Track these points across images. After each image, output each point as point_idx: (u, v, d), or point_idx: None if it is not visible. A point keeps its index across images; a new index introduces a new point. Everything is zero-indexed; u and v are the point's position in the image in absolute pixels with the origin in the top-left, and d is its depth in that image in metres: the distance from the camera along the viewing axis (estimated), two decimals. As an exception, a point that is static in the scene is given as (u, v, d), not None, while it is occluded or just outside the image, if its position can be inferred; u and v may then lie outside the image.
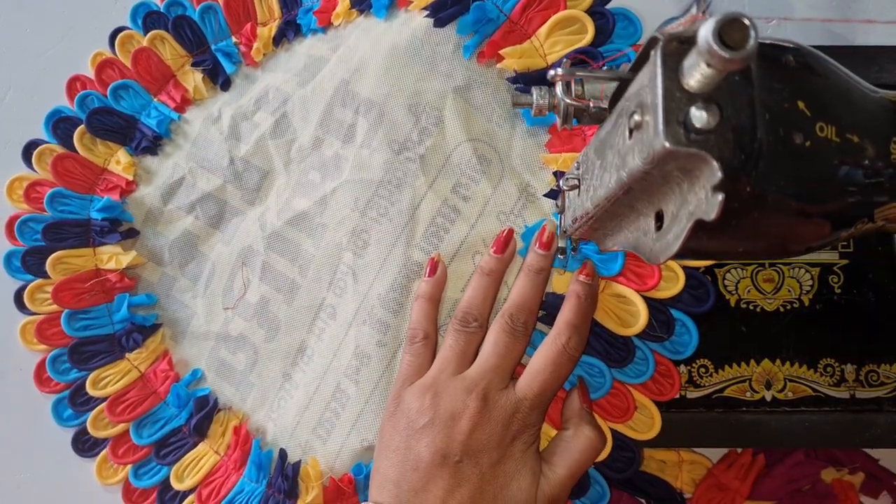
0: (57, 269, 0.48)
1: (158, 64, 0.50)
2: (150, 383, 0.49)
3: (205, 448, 0.47)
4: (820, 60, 0.23)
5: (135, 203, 0.50)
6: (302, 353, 0.46)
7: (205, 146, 0.50)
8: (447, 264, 0.43)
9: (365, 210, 0.45)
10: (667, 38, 0.20)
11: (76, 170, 0.50)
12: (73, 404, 0.48)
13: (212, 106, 0.51)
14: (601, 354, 0.41)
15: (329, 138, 0.47)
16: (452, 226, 0.44)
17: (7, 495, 0.49)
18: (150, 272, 0.51)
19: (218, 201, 0.50)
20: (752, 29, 0.16)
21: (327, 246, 0.46)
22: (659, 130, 0.19)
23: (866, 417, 0.41)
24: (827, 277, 0.42)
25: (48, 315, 0.49)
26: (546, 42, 0.43)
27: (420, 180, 0.44)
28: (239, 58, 0.50)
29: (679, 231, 0.21)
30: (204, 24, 0.50)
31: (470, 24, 0.43)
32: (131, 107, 0.50)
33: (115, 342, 0.49)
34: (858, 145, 0.23)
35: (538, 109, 0.31)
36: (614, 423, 0.41)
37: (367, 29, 0.47)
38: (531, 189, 0.44)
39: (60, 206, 0.49)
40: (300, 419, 0.45)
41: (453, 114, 0.44)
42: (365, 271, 0.44)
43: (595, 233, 0.32)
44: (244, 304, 0.48)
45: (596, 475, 0.41)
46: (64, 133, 0.50)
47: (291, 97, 0.48)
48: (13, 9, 0.54)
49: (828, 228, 0.24)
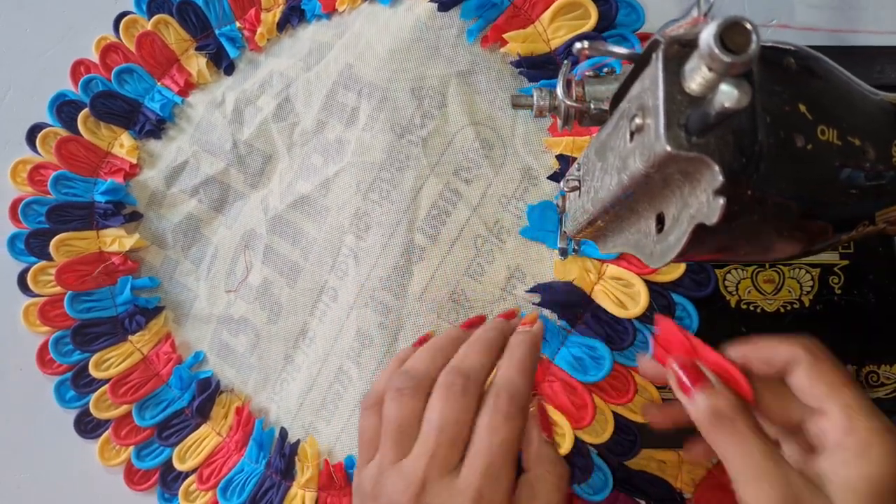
0: (60, 251, 0.49)
1: (162, 48, 0.50)
2: (153, 365, 0.49)
3: (207, 430, 0.47)
4: (821, 63, 0.23)
5: (138, 186, 0.51)
6: (304, 336, 0.47)
7: (208, 130, 0.50)
8: (448, 248, 0.43)
9: (367, 193, 0.45)
10: (668, 41, 0.20)
11: (80, 153, 0.50)
12: (75, 386, 0.48)
13: (216, 90, 0.51)
14: (602, 337, 0.41)
15: (332, 121, 0.47)
16: (454, 209, 0.44)
17: (7, 495, 0.49)
18: (153, 255, 0.51)
19: (221, 185, 0.50)
20: (753, 33, 0.16)
21: (329, 229, 0.46)
22: (660, 134, 0.19)
23: (866, 418, 0.41)
24: (827, 278, 0.42)
25: (51, 297, 0.49)
26: (550, 27, 0.43)
27: (422, 163, 0.44)
28: (243, 42, 0.50)
29: (680, 234, 0.21)
30: (209, 8, 0.50)
31: (473, 8, 0.44)
32: (135, 91, 0.51)
33: (118, 324, 0.49)
34: (860, 148, 0.23)
35: (539, 111, 0.31)
36: (615, 404, 0.41)
37: (371, 15, 0.47)
38: (533, 172, 0.44)
39: (64, 189, 0.50)
40: (303, 401, 0.46)
41: (456, 98, 0.44)
42: (367, 254, 0.44)
43: (595, 234, 0.32)
44: (246, 287, 0.48)
45: (600, 463, 0.41)
46: (68, 116, 0.51)
47: (295, 81, 0.48)
48: (13, 9, 0.54)
49: (829, 231, 0.24)
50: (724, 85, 0.17)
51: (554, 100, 0.31)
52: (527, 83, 0.44)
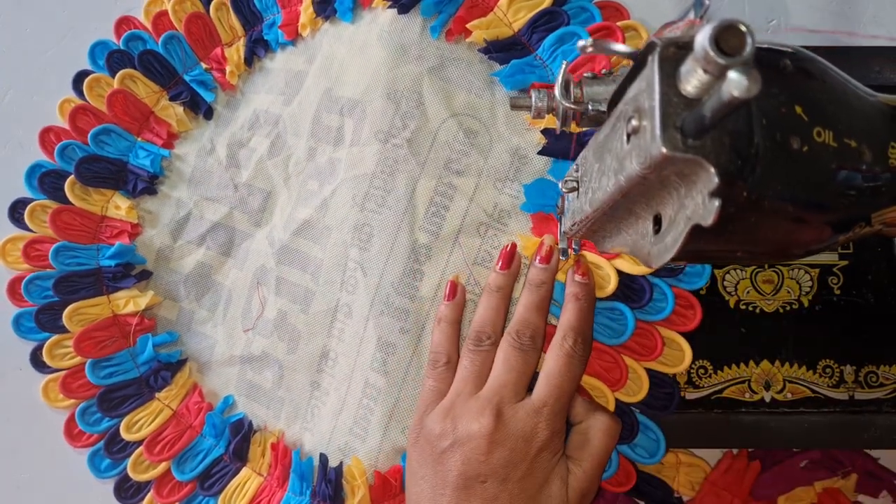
0: (74, 321, 0.48)
1: (135, 103, 0.50)
2: (185, 418, 0.49)
3: (247, 472, 0.47)
4: (817, 64, 0.23)
5: (143, 245, 0.51)
6: (325, 358, 0.46)
7: (205, 178, 0.51)
8: (453, 241, 0.44)
9: (363, 204, 0.45)
10: (664, 43, 0.20)
11: (75, 221, 0.50)
12: (109, 453, 0.48)
13: (201, 137, 0.51)
14: (620, 298, 0.41)
15: (321, 146, 0.47)
16: (451, 202, 0.44)
17: (7, 495, 0.50)
18: (167, 310, 0.51)
19: (227, 229, 0.50)
20: (748, 35, 0.16)
21: (333, 246, 0.46)
22: (656, 136, 0.19)
23: (865, 419, 0.41)
24: (826, 279, 0.42)
25: (71, 369, 0.49)
26: (509, 11, 0.44)
27: (411, 164, 0.44)
28: (214, 83, 0.51)
29: (677, 235, 0.21)
30: (170, 54, 0.50)
31: (433, 4, 0.44)
32: (117, 150, 0.50)
33: (143, 384, 0.49)
34: (856, 150, 0.23)
35: (537, 112, 0.31)
36: (646, 361, 0.41)
37: (337, 35, 0.48)
38: (522, 151, 0.44)
39: (67, 259, 0.49)
40: (335, 423, 0.45)
41: (432, 93, 0.44)
42: (373, 263, 0.44)
43: (594, 235, 0.32)
44: (263, 322, 0.48)
45: (647, 422, 0.41)
46: (52, 187, 0.50)
47: (281, 116, 0.49)
48: (13, 9, 0.54)
49: (826, 233, 0.24)
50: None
51: (552, 101, 0.31)
52: (498, 66, 0.44)
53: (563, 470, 0.36)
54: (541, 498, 0.35)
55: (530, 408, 0.37)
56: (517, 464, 0.36)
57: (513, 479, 0.35)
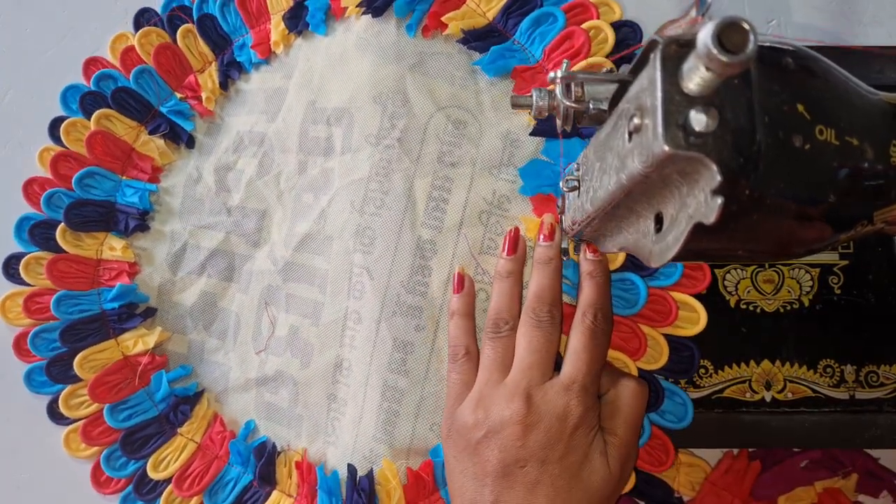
0: (85, 369, 0.48)
1: (115, 142, 0.50)
2: (210, 449, 0.48)
3: (278, 495, 0.47)
4: (819, 63, 0.23)
5: (144, 283, 0.51)
6: (339, 368, 0.46)
7: (197, 207, 0.50)
8: (457, 234, 0.44)
9: (362, 208, 0.45)
10: (666, 41, 0.20)
11: (72, 269, 0.49)
12: (140, 495, 0.47)
13: (186, 167, 0.51)
14: (629, 267, 0.41)
15: (312, 158, 0.47)
16: (450, 195, 0.44)
17: (7, 495, 0.49)
18: (177, 344, 0.51)
19: (225, 254, 0.50)
20: (751, 33, 0.16)
21: (336, 255, 0.46)
22: (658, 134, 0.19)
23: (866, 418, 0.40)
24: (827, 278, 0.42)
25: (89, 417, 0.48)
26: (482, 0, 0.44)
27: (405, 162, 0.44)
28: (192, 111, 0.50)
29: (678, 233, 0.21)
30: (143, 89, 0.50)
31: (405, 4, 0.45)
32: (102, 192, 0.50)
33: (164, 421, 0.48)
34: (858, 148, 0.23)
35: (538, 111, 0.31)
36: (663, 327, 0.41)
37: (312, 48, 0.48)
38: (513, 135, 0.44)
39: (69, 308, 0.49)
40: (357, 432, 0.45)
41: (416, 91, 0.45)
42: (379, 265, 0.44)
43: (595, 233, 0.32)
44: (275, 341, 0.48)
45: (671, 387, 0.41)
46: (42, 237, 0.50)
47: (266, 135, 0.49)
48: (13, 9, 0.54)
49: (827, 231, 0.24)
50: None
51: (553, 100, 0.31)
52: (477, 56, 0.45)
53: (600, 443, 0.36)
54: (583, 475, 0.35)
55: (560, 386, 0.36)
56: (554, 444, 0.35)
57: (552, 459, 0.35)
